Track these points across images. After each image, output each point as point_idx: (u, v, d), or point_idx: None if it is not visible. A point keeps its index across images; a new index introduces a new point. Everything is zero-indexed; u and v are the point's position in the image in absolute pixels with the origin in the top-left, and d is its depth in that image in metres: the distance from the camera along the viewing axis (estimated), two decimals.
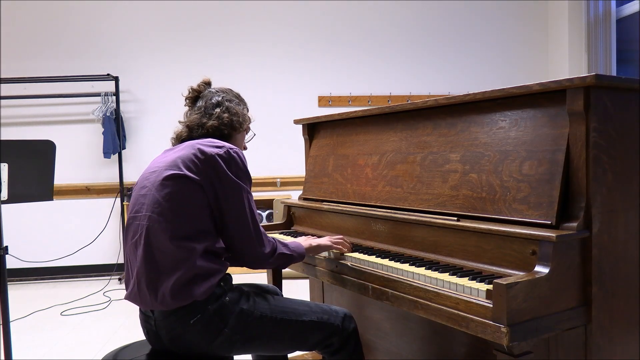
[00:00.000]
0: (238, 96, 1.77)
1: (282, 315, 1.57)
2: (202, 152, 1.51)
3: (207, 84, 1.76)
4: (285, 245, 1.65)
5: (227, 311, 1.49)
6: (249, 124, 1.78)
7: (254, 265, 1.59)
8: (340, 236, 1.82)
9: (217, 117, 1.66)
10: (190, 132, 1.67)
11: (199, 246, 1.46)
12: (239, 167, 1.53)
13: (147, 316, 1.53)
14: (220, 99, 1.69)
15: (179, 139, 1.68)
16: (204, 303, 1.46)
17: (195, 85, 1.75)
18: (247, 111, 1.78)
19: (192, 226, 1.47)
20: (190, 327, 1.46)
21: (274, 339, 1.57)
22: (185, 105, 1.76)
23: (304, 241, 1.76)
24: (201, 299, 1.45)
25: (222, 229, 1.54)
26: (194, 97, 1.74)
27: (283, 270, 2.33)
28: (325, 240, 1.78)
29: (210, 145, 1.54)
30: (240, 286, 1.63)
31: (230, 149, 1.54)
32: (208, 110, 1.67)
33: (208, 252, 1.50)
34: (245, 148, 1.82)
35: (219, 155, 1.51)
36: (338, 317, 1.66)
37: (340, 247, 1.76)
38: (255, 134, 1.90)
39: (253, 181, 5.70)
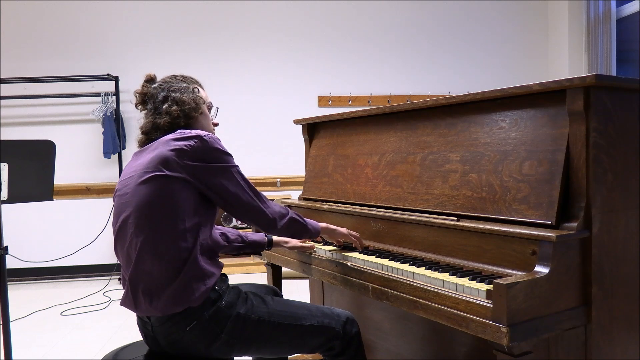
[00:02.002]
0: (184, 80, 1.68)
1: (281, 319, 1.56)
2: (176, 147, 1.47)
3: (149, 81, 1.67)
4: (300, 215, 1.70)
5: (223, 316, 1.48)
6: (204, 103, 1.69)
7: (267, 227, 1.62)
8: (357, 233, 1.84)
9: (166, 113, 1.60)
10: (149, 136, 1.63)
11: (193, 244, 1.45)
12: (216, 150, 1.51)
13: (144, 321, 1.53)
14: (165, 93, 1.62)
15: (142, 145, 1.64)
16: (199, 309, 1.45)
17: (139, 88, 1.67)
18: (199, 91, 1.69)
19: (183, 224, 1.45)
20: (186, 333, 1.45)
21: (273, 342, 1.56)
22: (140, 112, 1.69)
23: (322, 222, 1.82)
24: (196, 304, 1.44)
25: (228, 210, 1.56)
26: (142, 100, 1.67)
27: (283, 270, 2.33)
28: (343, 229, 1.81)
29: (181, 137, 1.50)
30: (237, 287, 1.62)
31: (203, 135, 1.50)
32: (158, 110, 1.62)
33: (203, 249, 1.49)
34: (216, 124, 1.76)
35: (192, 146, 1.47)
36: (339, 321, 1.64)
37: (355, 239, 1.80)
38: (218, 108, 1.82)
39: (253, 181, 5.70)
